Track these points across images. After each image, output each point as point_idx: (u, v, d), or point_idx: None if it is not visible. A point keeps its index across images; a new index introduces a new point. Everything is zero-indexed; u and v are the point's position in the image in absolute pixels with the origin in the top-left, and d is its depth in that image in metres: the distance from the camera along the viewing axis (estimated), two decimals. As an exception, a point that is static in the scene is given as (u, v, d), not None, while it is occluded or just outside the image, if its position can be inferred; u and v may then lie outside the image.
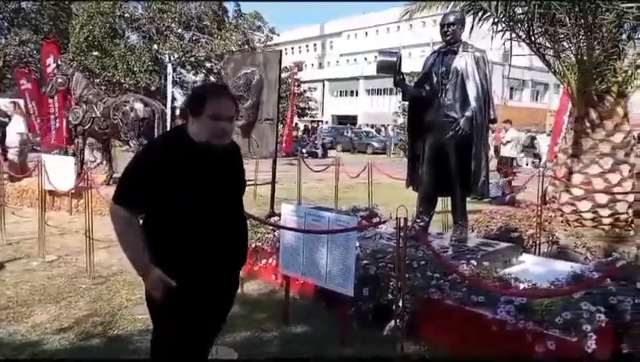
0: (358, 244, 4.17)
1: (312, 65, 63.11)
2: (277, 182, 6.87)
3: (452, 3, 7.09)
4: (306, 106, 40.37)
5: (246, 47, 28.21)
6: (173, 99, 23.08)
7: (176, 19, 27.85)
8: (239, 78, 6.91)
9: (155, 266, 2.10)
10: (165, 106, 11.04)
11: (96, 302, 4.51)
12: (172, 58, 26.41)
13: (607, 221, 6.44)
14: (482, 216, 6.98)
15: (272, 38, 32.03)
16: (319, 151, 25.55)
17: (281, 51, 7.09)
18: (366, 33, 58.12)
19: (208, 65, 30.27)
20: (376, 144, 30.16)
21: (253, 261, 5.15)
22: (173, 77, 18.78)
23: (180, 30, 28.90)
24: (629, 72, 6.38)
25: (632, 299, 3.32)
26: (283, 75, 17.38)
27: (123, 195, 2.14)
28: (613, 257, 4.61)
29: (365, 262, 4.18)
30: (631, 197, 6.73)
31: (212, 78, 31.13)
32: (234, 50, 25.76)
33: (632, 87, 6.56)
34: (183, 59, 28.34)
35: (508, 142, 13.30)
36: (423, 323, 3.80)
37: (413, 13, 8.32)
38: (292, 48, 64.32)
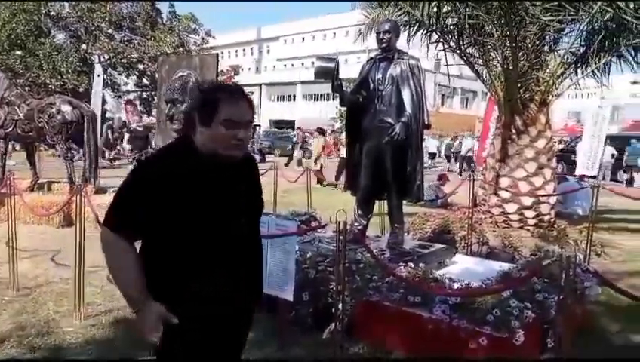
0: (297, 249, 4.17)
1: (249, 69, 62.73)
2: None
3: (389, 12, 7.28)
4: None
5: (181, 49, 27.59)
6: (104, 101, 22.17)
7: (107, 18, 26.81)
8: (175, 80, 6.76)
9: (149, 298, 1.76)
10: (95, 108, 10.58)
11: (21, 316, 4.25)
12: (102, 59, 25.40)
13: (532, 222, 6.82)
14: (417, 219, 7.18)
15: (207, 41, 31.50)
16: (257, 156, 25.40)
17: (217, 54, 7.02)
18: (303, 38, 58.48)
19: (141, 67, 29.35)
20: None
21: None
22: (103, 78, 18.05)
23: (110, 30, 27.84)
24: (551, 81, 6.80)
25: (556, 295, 3.52)
26: (219, 79, 17.14)
27: (119, 219, 1.77)
28: (538, 256, 4.87)
29: (305, 266, 4.19)
30: (553, 199, 7.16)
31: (145, 81, 30.24)
32: (168, 52, 25.13)
33: (553, 96, 6.99)
34: (114, 60, 27.32)
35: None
36: (362, 324, 3.86)
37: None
38: (228, 52, 63.62)
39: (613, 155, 18.35)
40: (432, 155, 21.90)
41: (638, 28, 6.09)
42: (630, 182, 18.05)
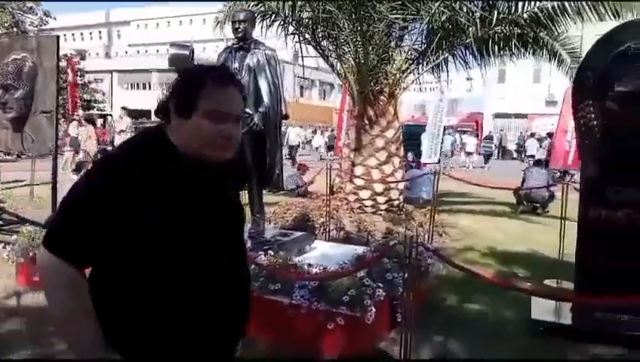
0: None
1: (98, 54, 58.15)
2: (58, 182, 6.19)
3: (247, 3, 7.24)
4: (92, 98, 37.10)
5: (15, 29, 24.68)
6: None
7: None
8: (7, 64, 6.05)
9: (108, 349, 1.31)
10: None
11: None
12: None
13: (383, 207, 7.30)
14: (278, 208, 7.30)
15: (47, 22, 28.59)
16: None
17: (58, 37, 6.38)
18: (157, 24, 55.75)
19: (-34, 47, 25.70)
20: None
21: (32, 271, 4.57)
22: None
23: None
24: (397, 75, 7.31)
25: (403, 274, 3.82)
26: (62, 64, 15.65)
27: (64, 239, 1.30)
28: (388, 238, 5.24)
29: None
30: (401, 185, 7.74)
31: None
32: (0, 32, 22.32)
33: (400, 89, 7.53)
34: None
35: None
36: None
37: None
38: (72, 35, 58.38)
39: (452, 143, 20.34)
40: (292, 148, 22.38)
41: (470, 29, 6.78)
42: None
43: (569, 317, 4.10)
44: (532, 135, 24.14)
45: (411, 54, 7.55)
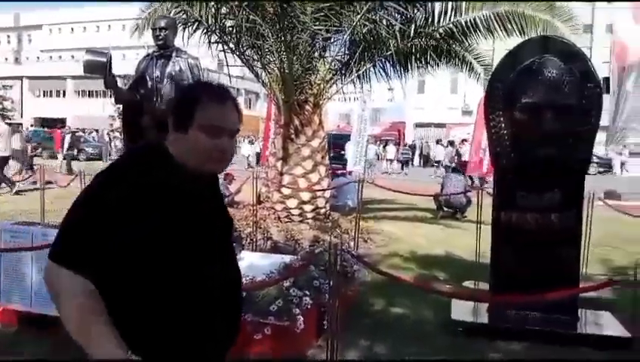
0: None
1: (7, 59, 54.57)
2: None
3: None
4: None
5: None
6: None
7: None
8: None
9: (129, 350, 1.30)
10: None
11: None
12: None
13: (310, 215, 7.37)
14: (204, 219, 7.15)
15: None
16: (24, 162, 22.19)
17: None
18: (72, 29, 53.14)
19: None
20: (90, 149, 27.86)
21: None
22: None
23: None
24: (322, 85, 7.43)
25: (329, 281, 3.87)
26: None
27: (74, 251, 1.31)
28: (315, 246, 5.29)
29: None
30: (328, 193, 7.85)
31: None
32: None
33: (324, 99, 7.65)
34: None
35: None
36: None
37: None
38: (-24, 38, 54.40)
39: (376, 152, 20.97)
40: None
41: (391, 42, 7.04)
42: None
43: (486, 317, 4.33)
44: (437, 142, 26.33)
45: (335, 65, 7.70)
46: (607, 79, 31.29)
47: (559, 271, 4.10)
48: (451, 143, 23.50)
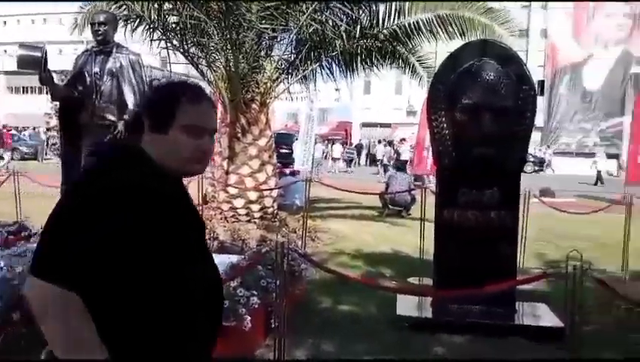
0: (2, 264, 3.63)
1: None
2: None
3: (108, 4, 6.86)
4: None
5: None
6: None
7: None
8: None
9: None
10: None
11: None
12: None
13: (257, 215, 7.33)
14: (147, 221, 6.97)
15: None
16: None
17: None
18: (5, 22, 50.39)
19: None
20: (24, 149, 26.54)
21: None
22: None
23: None
24: (268, 84, 7.40)
25: (276, 280, 3.87)
26: None
27: (59, 264, 1.22)
28: (262, 246, 5.27)
29: (15, 282, 3.66)
30: (275, 193, 7.83)
31: None
32: None
33: (271, 98, 7.63)
34: None
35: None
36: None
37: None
38: None
39: (323, 151, 21.16)
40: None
41: (337, 42, 7.10)
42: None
43: (430, 311, 4.45)
44: (379, 141, 27.54)
45: (281, 64, 7.69)
46: (541, 82, 32.88)
47: (498, 265, 4.27)
48: (389, 143, 24.42)
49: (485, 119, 4.26)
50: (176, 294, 1.35)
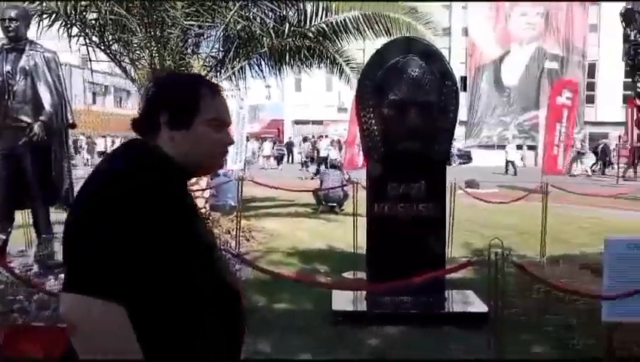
0: None
1: None
2: None
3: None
4: None
5: None
6: None
7: None
8: None
9: None
10: None
11: None
12: None
13: (189, 216, 7.16)
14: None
15: None
16: None
17: None
18: None
19: None
20: None
21: None
22: None
23: None
24: (196, 82, 7.23)
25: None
26: None
27: (106, 277, 1.12)
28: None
29: None
30: (207, 193, 7.68)
31: None
32: None
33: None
34: None
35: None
36: (13, 355, 3.35)
37: None
38: None
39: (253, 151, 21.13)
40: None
41: (265, 39, 7.05)
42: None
43: (364, 304, 4.54)
44: (304, 139, 28.63)
45: (209, 61, 7.55)
46: (464, 78, 34.30)
47: (428, 256, 4.42)
48: (304, 139, 25.23)
49: (411, 114, 4.39)
50: (208, 296, 1.31)
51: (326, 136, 23.48)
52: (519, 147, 28.19)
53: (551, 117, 13.31)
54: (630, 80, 20.41)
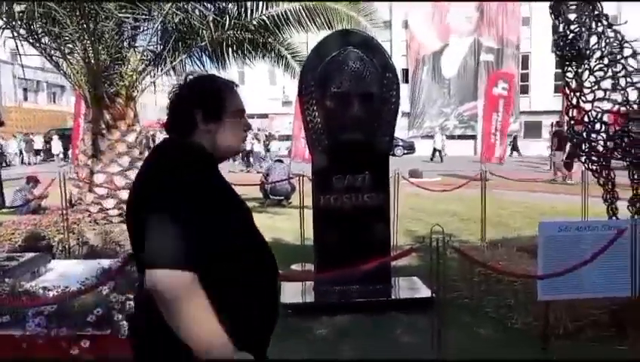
0: None
1: None
2: None
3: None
4: None
5: None
6: None
7: None
8: None
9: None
10: None
11: None
12: None
13: (131, 215, 6.94)
14: (3, 229, 6.30)
15: None
16: None
17: None
18: None
19: None
20: None
21: None
22: None
23: None
24: (134, 77, 7.00)
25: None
26: None
27: (185, 251, 1.36)
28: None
29: None
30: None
31: None
32: None
33: (137, 91, 7.23)
34: None
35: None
36: None
37: None
38: None
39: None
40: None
41: (205, 32, 6.90)
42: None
43: (313, 295, 4.56)
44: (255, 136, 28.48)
45: (147, 55, 7.31)
46: (405, 70, 34.91)
47: (374, 245, 4.49)
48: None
49: (353, 107, 4.44)
50: (260, 268, 1.59)
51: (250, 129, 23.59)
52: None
53: (488, 107, 13.80)
54: (560, 70, 21.39)
